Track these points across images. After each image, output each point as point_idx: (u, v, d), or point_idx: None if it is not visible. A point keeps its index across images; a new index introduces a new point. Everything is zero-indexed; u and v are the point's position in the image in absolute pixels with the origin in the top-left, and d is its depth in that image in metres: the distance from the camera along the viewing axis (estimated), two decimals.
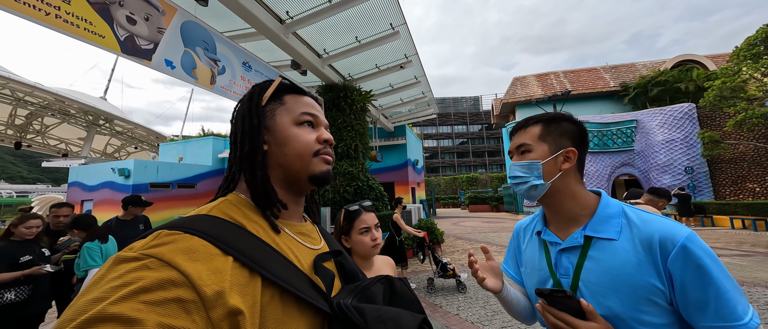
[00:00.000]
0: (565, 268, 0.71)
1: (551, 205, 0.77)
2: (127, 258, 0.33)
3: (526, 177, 0.75)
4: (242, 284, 0.36)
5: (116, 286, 0.30)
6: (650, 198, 2.31)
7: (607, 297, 0.63)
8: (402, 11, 5.47)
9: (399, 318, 0.41)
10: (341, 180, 6.28)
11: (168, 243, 0.34)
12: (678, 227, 0.63)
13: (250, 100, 0.53)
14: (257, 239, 0.42)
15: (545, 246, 0.78)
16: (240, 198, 0.48)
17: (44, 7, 2.19)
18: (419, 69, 7.76)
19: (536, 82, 16.59)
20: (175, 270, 0.32)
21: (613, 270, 0.64)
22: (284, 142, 0.51)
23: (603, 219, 0.70)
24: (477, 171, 47.73)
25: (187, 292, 0.31)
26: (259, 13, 4.38)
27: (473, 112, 52.45)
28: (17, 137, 16.18)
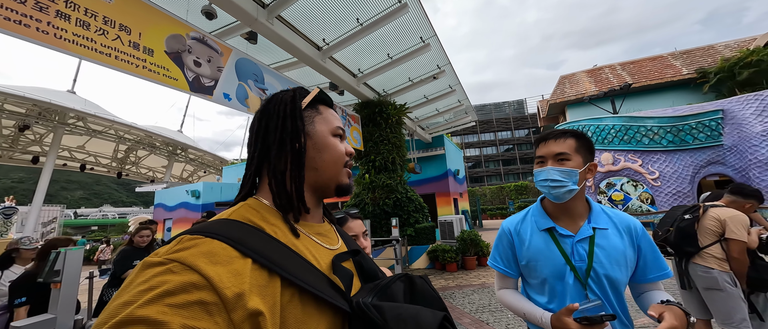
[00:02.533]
0: (580, 255, 0.92)
1: (569, 205, 0.96)
2: (152, 263, 0.34)
3: (566, 182, 0.93)
4: (262, 285, 0.36)
5: (143, 290, 0.31)
6: (733, 199, 1.95)
7: (611, 270, 0.89)
8: (431, 24, 5.57)
9: (419, 315, 0.41)
10: (380, 193, 6.40)
11: (190, 247, 0.36)
12: (631, 216, 0.98)
13: (291, 102, 0.53)
14: (276, 241, 0.43)
15: (554, 238, 0.96)
16: (260, 203, 0.49)
17: (135, 61, 2.74)
18: (453, 77, 7.70)
19: (588, 78, 15.14)
20: (197, 274, 0.33)
21: (613, 251, 0.91)
22: (323, 148, 0.52)
23: (597, 215, 0.97)
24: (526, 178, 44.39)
25: (209, 295, 0.32)
26: (300, 44, 4.85)
27: (517, 116, 49.52)
28: (119, 168, 19.73)
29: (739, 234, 1.72)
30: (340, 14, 4.79)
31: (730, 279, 1.76)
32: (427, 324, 0.40)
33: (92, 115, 12.85)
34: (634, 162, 10.94)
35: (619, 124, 11.17)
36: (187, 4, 3.79)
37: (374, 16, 4.91)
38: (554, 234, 0.96)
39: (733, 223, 1.75)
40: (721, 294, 1.75)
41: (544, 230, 0.98)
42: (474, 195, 28.48)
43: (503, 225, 1.09)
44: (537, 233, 0.99)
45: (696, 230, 1.87)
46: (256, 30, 4.27)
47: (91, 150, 17.51)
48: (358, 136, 6.77)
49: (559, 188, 0.93)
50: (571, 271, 0.91)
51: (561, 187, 0.93)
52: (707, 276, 1.79)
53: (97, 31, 2.52)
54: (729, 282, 1.75)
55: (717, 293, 1.76)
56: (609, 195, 11.73)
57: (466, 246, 5.96)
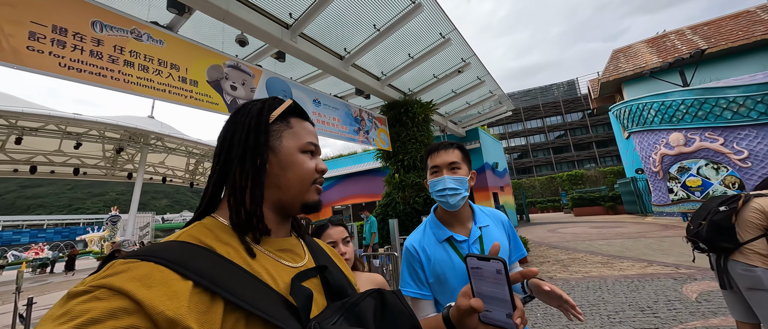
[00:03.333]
0: None
1: (460, 212, 1.01)
2: (76, 293, 0.31)
3: (460, 189, 0.98)
4: (201, 310, 0.34)
5: (62, 322, 0.28)
6: None
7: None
8: (449, 18, 5.49)
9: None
10: (410, 192, 6.50)
11: (121, 272, 0.33)
12: (494, 209, 1.11)
13: (258, 115, 0.51)
14: (225, 261, 0.40)
15: (453, 246, 0.98)
16: (215, 221, 0.46)
17: (184, 93, 3.28)
18: (481, 69, 7.43)
19: (649, 48, 13.15)
20: (126, 299, 0.30)
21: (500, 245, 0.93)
22: (288, 166, 0.50)
23: (479, 215, 1.05)
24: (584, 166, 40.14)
25: (141, 320, 0.30)
26: (323, 57, 5.19)
27: (569, 98, 44.97)
28: (191, 178, 22.87)
29: None
30: (357, 23, 5.00)
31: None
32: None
33: (167, 135, 15.16)
34: (713, 141, 9.25)
35: (691, 98, 9.54)
36: (223, 36, 4.35)
37: (390, 20, 5.02)
38: (452, 242, 0.99)
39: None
40: (767, 296, 1.53)
41: (443, 241, 0.99)
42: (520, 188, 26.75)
43: (407, 244, 1.07)
44: (437, 245, 1.00)
45: (733, 223, 1.65)
46: (283, 49, 4.71)
47: (169, 164, 20.58)
48: (386, 137, 6.95)
49: (456, 195, 0.97)
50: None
51: (457, 195, 0.97)
52: (749, 275, 1.58)
53: (154, 72, 3.08)
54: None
55: (762, 294, 1.54)
56: (682, 180, 10.09)
57: None
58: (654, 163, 10.75)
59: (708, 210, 1.75)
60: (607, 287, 3.78)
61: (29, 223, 42.70)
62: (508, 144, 46.76)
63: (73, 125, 12.14)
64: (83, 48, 2.64)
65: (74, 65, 2.57)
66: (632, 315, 2.88)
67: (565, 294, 0.77)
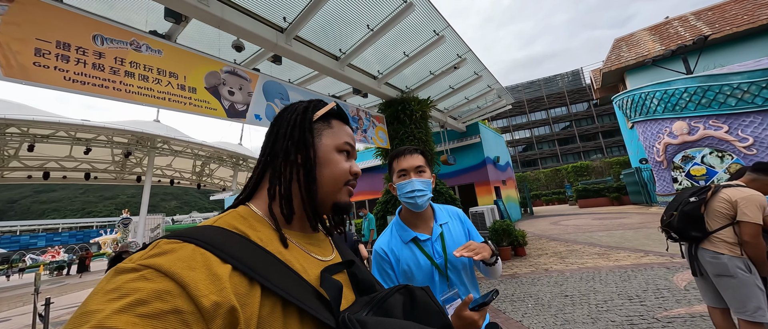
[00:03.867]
0: (438, 252, 1.05)
1: (424, 212, 1.10)
2: (125, 269, 0.32)
3: (426, 190, 1.06)
4: (241, 293, 0.34)
5: (112, 298, 0.29)
6: (755, 177, 1.72)
7: (457, 259, 1.03)
8: (442, 16, 5.52)
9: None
10: None
11: (166, 252, 0.34)
12: (452, 206, 1.20)
13: (303, 113, 0.53)
14: (260, 249, 0.41)
15: (418, 245, 1.05)
16: (249, 211, 0.47)
17: (183, 100, 3.42)
18: (477, 64, 7.45)
19: (651, 36, 12.91)
20: (171, 281, 0.31)
21: (457, 238, 1.08)
22: (324, 164, 0.52)
23: (439, 213, 1.13)
24: (590, 157, 39.70)
25: (185, 303, 0.31)
26: (318, 58, 5.28)
27: (574, 88, 44.35)
28: (198, 180, 23.30)
29: (752, 216, 1.54)
30: (350, 24, 5.08)
31: (743, 265, 1.59)
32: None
33: (173, 138, 15.46)
34: (717, 129, 9.12)
35: (695, 86, 9.39)
36: (219, 42, 4.47)
37: (383, 19, 5.08)
38: (417, 241, 1.05)
39: (746, 204, 1.57)
40: (733, 281, 1.59)
41: (408, 241, 1.05)
42: (524, 181, 26.60)
43: (376, 248, 1.11)
44: (404, 246, 1.06)
45: (702, 213, 1.71)
46: (279, 53, 4.81)
47: (176, 167, 20.98)
48: (384, 135, 7.03)
49: (423, 196, 1.04)
50: (435, 269, 1.02)
51: (423, 196, 1.04)
52: (716, 262, 1.65)
53: (154, 81, 3.22)
54: (742, 268, 1.58)
55: (728, 280, 1.61)
56: (686, 169, 9.98)
57: (499, 237, 5.82)
58: (658, 153, 10.64)
59: (680, 202, 1.81)
60: (601, 277, 3.85)
61: (45, 227, 43.99)
62: (512, 136, 46.39)
63: (82, 131, 12.48)
64: (86, 61, 2.78)
65: (78, 78, 2.71)
66: (620, 304, 2.95)
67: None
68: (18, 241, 33.79)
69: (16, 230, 40.00)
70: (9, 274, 19.34)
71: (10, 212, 72.35)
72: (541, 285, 3.92)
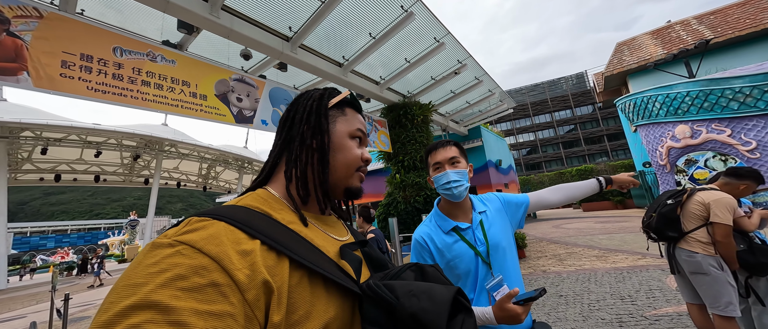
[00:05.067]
0: (479, 240, 1.07)
1: (462, 202, 1.12)
2: (162, 244, 0.34)
3: (462, 180, 1.08)
4: (270, 265, 0.36)
5: (154, 272, 0.31)
6: (727, 181, 1.84)
7: (501, 241, 1.08)
8: (442, 24, 5.69)
9: (432, 290, 0.40)
10: (410, 191, 6.73)
11: (198, 229, 0.36)
12: (485, 193, 1.22)
13: (319, 99, 0.55)
14: (282, 226, 0.43)
15: (459, 234, 1.08)
16: (268, 193, 0.49)
17: (195, 107, 3.61)
18: (477, 69, 7.60)
19: (653, 40, 12.95)
20: (206, 257, 0.33)
21: (498, 225, 1.11)
22: (337, 149, 0.53)
23: (477, 203, 1.16)
24: (595, 160, 39.42)
25: (221, 276, 0.32)
26: (322, 65, 5.47)
27: (578, 91, 44.17)
28: (204, 183, 23.67)
29: (723, 217, 1.66)
30: (353, 32, 5.27)
31: (715, 263, 1.70)
32: (440, 297, 0.39)
33: (180, 141, 15.80)
34: (720, 132, 9.12)
35: (697, 90, 9.41)
36: (228, 51, 4.68)
37: (384, 28, 5.26)
38: (458, 231, 1.07)
39: (717, 206, 1.69)
40: (706, 278, 1.71)
41: (449, 230, 1.08)
42: (528, 184, 26.51)
43: (416, 236, 1.14)
44: (444, 235, 1.08)
45: (678, 215, 1.83)
46: (285, 61, 5.01)
47: (183, 170, 21.37)
48: (386, 139, 7.19)
49: (459, 187, 1.06)
50: (477, 256, 1.04)
51: (460, 186, 1.06)
52: (691, 261, 1.76)
53: (168, 89, 3.42)
54: (714, 266, 1.70)
55: (702, 277, 1.72)
56: (690, 173, 9.96)
57: None
58: (661, 156, 10.63)
59: (658, 204, 1.93)
60: (596, 278, 3.94)
61: (54, 229, 44.79)
62: (516, 139, 46.26)
63: (93, 135, 12.83)
64: (107, 72, 2.99)
65: (100, 87, 2.92)
66: (612, 303, 3.05)
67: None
68: (28, 242, 34.50)
69: (27, 231, 40.83)
70: (22, 274, 19.80)
71: (21, 214, 73.86)
72: (537, 285, 4.02)
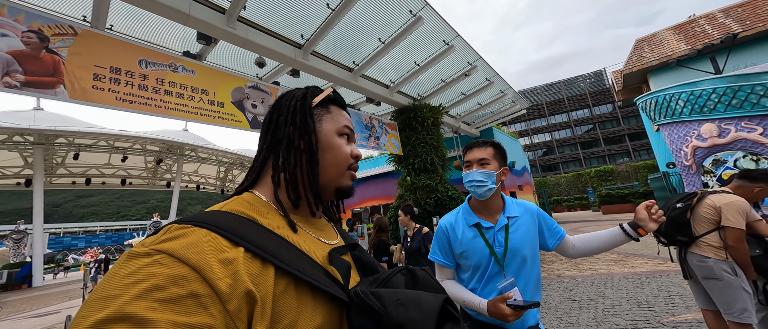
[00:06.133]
0: (499, 242, 1.13)
1: (489, 202, 1.17)
2: (139, 254, 0.32)
3: (486, 181, 1.13)
4: (254, 274, 0.35)
5: (129, 284, 0.29)
6: (740, 183, 1.78)
7: (523, 249, 1.11)
8: (451, 27, 5.72)
9: (420, 299, 0.40)
10: (421, 194, 6.75)
11: (178, 237, 0.34)
12: (527, 201, 1.24)
13: (303, 98, 0.54)
14: (269, 232, 0.41)
15: (480, 231, 1.15)
16: (255, 197, 0.48)
17: (213, 114, 3.81)
18: (488, 70, 7.55)
19: (675, 35, 12.39)
20: (186, 266, 0.31)
21: (524, 234, 1.14)
22: (326, 149, 0.52)
23: (510, 207, 1.19)
24: (616, 161, 37.95)
25: (201, 286, 0.31)
26: (333, 71, 5.61)
27: (597, 90, 42.73)
28: (222, 186, 24.48)
29: (735, 221, 1.61)
30: (363, 38, 5.38)
31: (728, 268, 1.65)
32: (428, 306, 0.38)
33: (200, 146, 16.45)
34: (751, 130, 8.61)
35: (724, 86, 8.95)
36: (244, 60, 4.89)
37: (393, 32, 5.34)
38: (480, 227, 1.14)
39: (728, 210, 1.64)
40: (719, 284, 1.66)
41: (472, 225, 1.16)
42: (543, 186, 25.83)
43: (440, 223, 1.25)
44: (467, 228, 1.17)
45: (688, 219, 1.79)
46: (297, 67, 5.17)
47: (202, 173, 22.20)
48: (396, 141, 7.25)
49: (482, 187, 1.12)
50: (492, 256, 1.10)
51: (483, 186, 1.11)
52: (703, 265, 1.72)
53: (188, 98, 3.62)
54: (727, 271, 1.65)
55: (715, 282, 1.68)
56: (718, 174, 9.44)
57: None
58: (686, 157, 10.14)
59: (668, 207, 1.90)
60: (613, 283, 3.83)
61: (84, 230, 47.43)
62: (531, 140, 45.20)
63: (120, 140, 13.55)
64: (133, 83, 3.21)
65: (127, 98, 3.14)
66: (628, 309, 2.97)
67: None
68: (61, 242, 36.71)
69: (60, 232, 43.43)
70: (56, 272, 21.09)
71: (55, 215, 78.69)
72: (550, 290, 3.95)
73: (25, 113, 11.84)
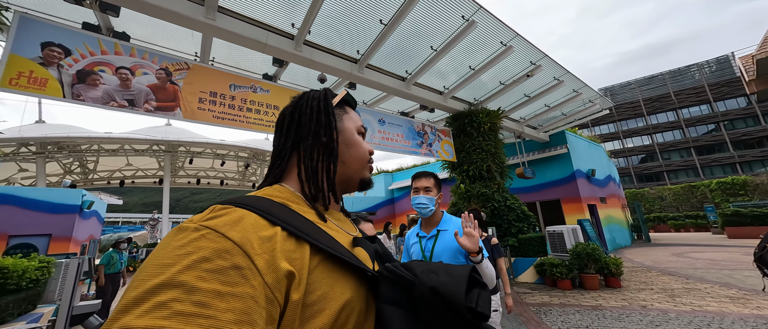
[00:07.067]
0: (427, 248, 1.48)
1: (431, 218, 1.54)
2: (188, 228, 0.35)
3: (428, 204, 1.50)
4: (290, 250, 0.38)
5: (181, 254, 0.32)
6: None
7: (443, 256, 1.40)
8: (509, 26, 5.43)
9: (449, 267, 0.43)
10: (476, 202, 6.47)
11: (221, 215, 0.37)
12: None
13: (325, 99, 0.57)
14: (301, 216, 0.45)
15: (420, 240, 1.53)
16: (284, 188, 0.51)
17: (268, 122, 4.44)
18: (556, 68, 6.85)
19: None
20: (229, 241, 0.34)
21: (447, 243, 1.42)
22: (351, 145, 0.56)
23: (444, 222, 1.52)
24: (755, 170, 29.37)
25: (243, 260, 0.34)
26: (387, 81, 5.89)
27: (720, 80, 34.04)
28: None
29: None
30: (415, 47, 5.52)
31: None
32: (458, 272, 0.41)
33: None
34: None
35: None
36: (308, 77, 5.54)
37: (446, 39, 5.35)
38: (419, 236, 1.53)
39: None
40: None
41: (416, 234, 1.56)
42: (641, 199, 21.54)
43: (407, 235, 1.63)
44: (415, 237, 1.56)
45: None
46: (353, 80, 5.61)
47: None
48: (450, 148, 7.13)
49: (425, 208, 1.49)
50: (423, 257, 1.45)
51: (426, 208, 1.49)
52: None
53: (263, 113, 4.31)
54: None
55: None
56: None
57: (582, 262, 5.10)
58: None
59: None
60: (723, 325, 3.04)
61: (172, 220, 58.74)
62: (622, 145, 38.33)
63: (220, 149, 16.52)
64: (225, 103, 4.00)
65: (220, 115, 3.92)
66: None
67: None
68: None
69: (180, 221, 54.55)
70: None
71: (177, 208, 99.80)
72: (628, 322, 3.36)
73: (159, 128, 15.46)
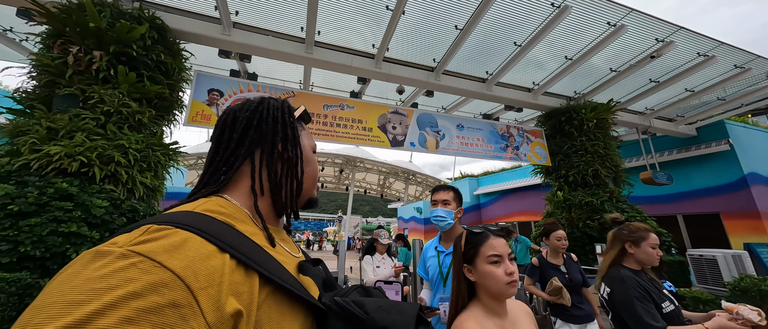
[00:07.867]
0: (445, 263, 1.50)
1: (449, 232, 1.56)
2: (110, 253, 0.28)
3: (446, 217, 1.53)
4: (239, 282, 0.34)
5: (99, 288, 0.25)
6: None
7: None
8: (618, 2, 4.50)
9: (399, 305, 0.44)
10: (578, 213, 5.53)
11: (158, 239, 0.31)
12: None
13: (290, 111, 0.55)
14: (249, 239, 0.41)
15: (438, 254, 1.55)
16: (228, 202, 0.46)
17: (364, 137, 4.93)
18: (698, 42, 5.22)
19: None
20: (167, 271, 0.28)
21: None
22: (307, 162, 0.56)
23: None
24: None
25: (183, 296, 0.28)
26: (465, 85, 5.74)
27: None
28: (381, 191, 29.25)
29: None
30: (496, 46, 5.21)
31: None
32: (408, 311, 0.43)
33: (367, 159, 20.63)
34: None
35: None
36: (387, 89, 5.95)
37: (532, 32, 4.87)
38: (437, 250, 1.55)
39: None
40: None
41: (435, 248, 1.57)
42: None
43: (424, 247, 1.65)
44: (433, 250, 1.57)
45: None
46: (430, 88, 5.71)
47: (368, 181, 27.47)
48: (542, 151, 6.33)
49: (443, 221, 1.51)
50: (439, 273, 1.47)
51: (443, 221, 1.51)
52: None
53: (349, 127, 4.90)
54: None
55: None
56: None
57: (750, 300, 3.66)
58: None
59: None
60: None
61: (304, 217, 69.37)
62: None
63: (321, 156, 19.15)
64: (320, 121, 4.75)
65: (317, 132, 4.68)
66: None
67: None
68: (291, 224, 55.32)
69: None
70: None
71: None
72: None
73: None
